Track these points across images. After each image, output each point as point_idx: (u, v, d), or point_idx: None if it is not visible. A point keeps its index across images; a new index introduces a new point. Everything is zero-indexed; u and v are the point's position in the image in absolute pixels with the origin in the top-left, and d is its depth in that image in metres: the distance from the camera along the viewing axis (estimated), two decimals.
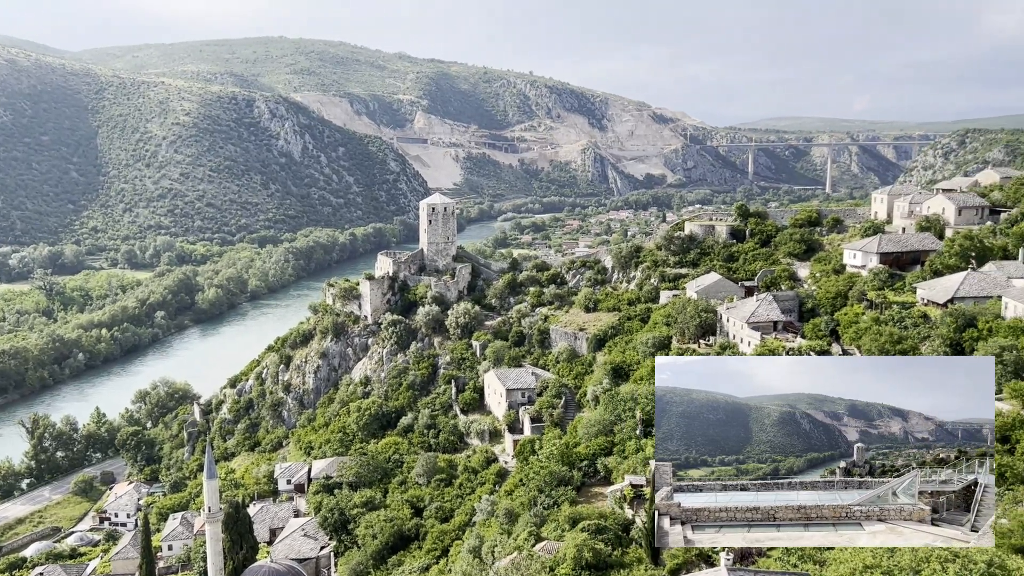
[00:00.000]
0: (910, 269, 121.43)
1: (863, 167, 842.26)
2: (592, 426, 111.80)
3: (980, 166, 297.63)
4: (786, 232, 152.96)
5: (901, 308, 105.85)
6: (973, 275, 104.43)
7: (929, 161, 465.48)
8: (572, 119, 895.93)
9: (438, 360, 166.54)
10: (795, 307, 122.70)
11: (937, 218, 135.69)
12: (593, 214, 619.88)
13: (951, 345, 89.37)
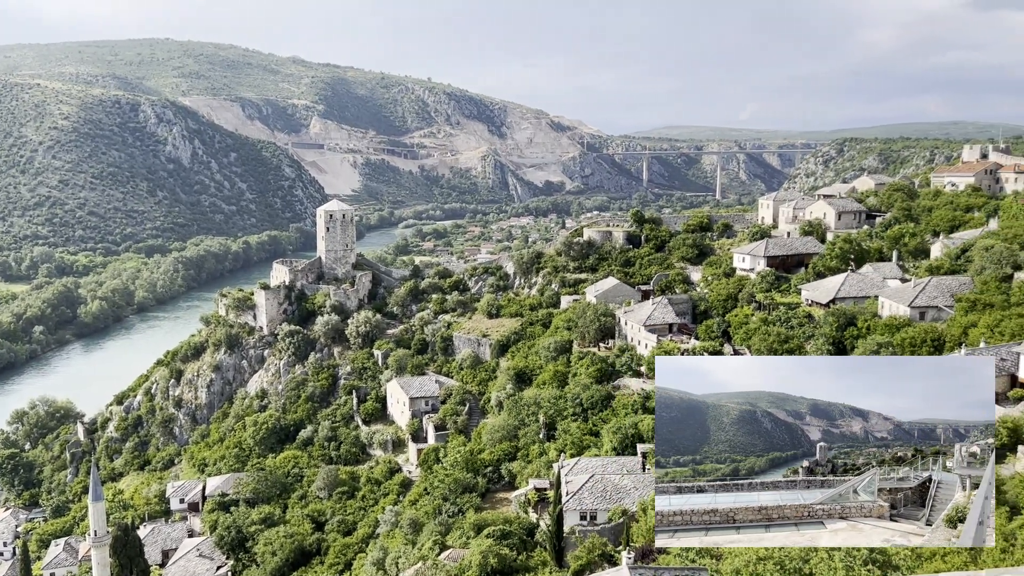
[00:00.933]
0: (795, 271, 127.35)
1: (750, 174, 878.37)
2: (496, 432, 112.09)
3: (857, 173, 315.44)
4: (679, 237, 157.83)
5: (787, 309, 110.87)
6: (852, 276, 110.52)
7: (811, 168, 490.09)
8: (471, 126, 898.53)
9: (338, 370, 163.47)
10: (689, 309, 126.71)
11: (819, 222, 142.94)
12: (494, 220, 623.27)
13: (834, 343, 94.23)
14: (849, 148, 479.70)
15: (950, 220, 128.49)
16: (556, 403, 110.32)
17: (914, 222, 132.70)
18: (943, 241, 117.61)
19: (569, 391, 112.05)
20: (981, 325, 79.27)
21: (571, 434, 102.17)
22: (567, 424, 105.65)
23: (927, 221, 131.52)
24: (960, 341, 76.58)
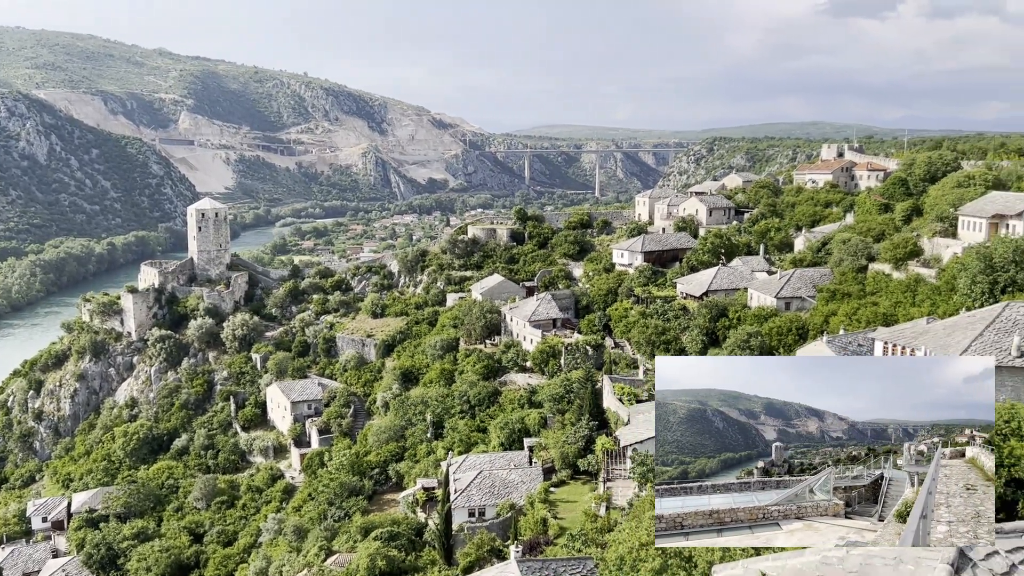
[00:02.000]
0: (670, 266, 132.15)
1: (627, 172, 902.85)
2: (382, 433, 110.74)
3: (726, 171, 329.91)
4: (561, 234, 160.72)
5: (664, 302, 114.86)
6: (723, 270, 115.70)
7: (683, 167, 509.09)
8: (351, 122, 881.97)
9: (214, 376, 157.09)
10: (572, 304, 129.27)
11: (692, 219, 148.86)
12: (377, 218, 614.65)
13: (707, 334, 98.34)
14: (718, 147, 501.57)
15: (811, 215, 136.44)
16: (443, 401, 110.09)
17: (779, 217, 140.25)
18: (805, 235, 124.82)
19: (456, 389, 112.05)
20: (840, 313, 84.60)
21: (459, 432, 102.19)
22: (455, 422, 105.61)
23: (791, 216, 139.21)
24: (822, 329, 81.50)
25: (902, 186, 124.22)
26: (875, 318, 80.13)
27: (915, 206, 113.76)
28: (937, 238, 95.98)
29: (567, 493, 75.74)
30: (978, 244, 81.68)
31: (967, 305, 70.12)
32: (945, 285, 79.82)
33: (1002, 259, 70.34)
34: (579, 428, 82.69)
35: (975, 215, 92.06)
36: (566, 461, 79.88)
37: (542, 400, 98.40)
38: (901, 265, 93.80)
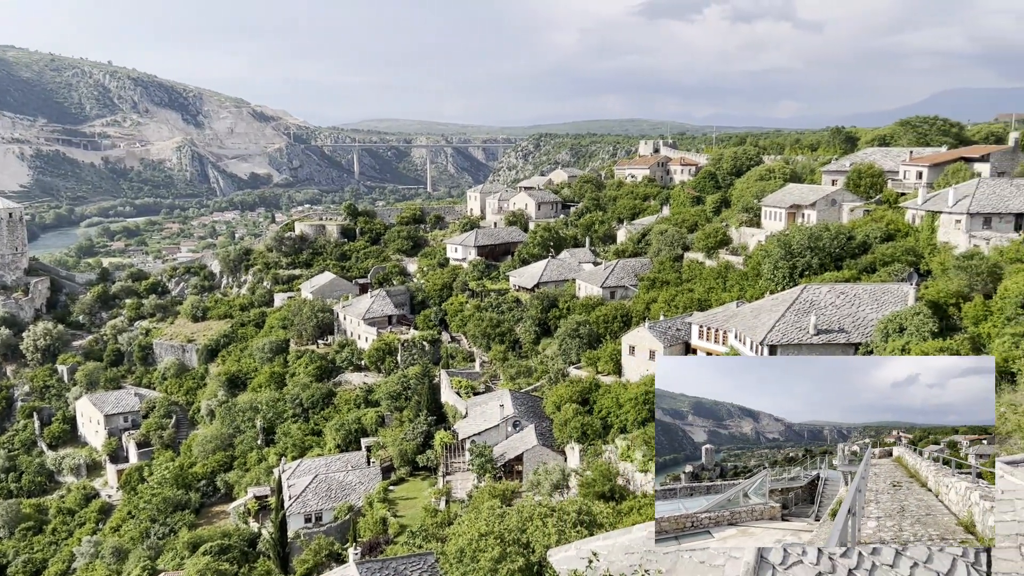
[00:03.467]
0: (503, 259, 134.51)
1: (458, 167, 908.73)
2: (209, 442, 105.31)
3: (552, 166, 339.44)
4: (394, 230, 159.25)
5: (498, 295, 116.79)
6: (553, 262, 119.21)
7: (512, 162, 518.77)
8: (163, 114, 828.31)
9: (14, 391, 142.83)
10: (407, 300, 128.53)
11: (522, 213, 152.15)
12: (195, 216, 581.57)
13: (539, 324, 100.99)
14: (544, 143, 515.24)
15: (631, 208, 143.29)
16: (274, 406, 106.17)
17: (602, 211, 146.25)
18: (627, 227, 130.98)
19: (288, 392, 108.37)
20: (660, 300, 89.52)
21: (292, 436, 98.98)
22: (287, 426, 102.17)
23: (613, 210, 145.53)
24: (644, 315, 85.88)
25: (712, 180, 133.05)
26: (691, 303, 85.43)
27: (724, 198, 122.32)
28: (743, 228, 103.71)
29: (407, 490, 75.36)
30: (779, 232, 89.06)
31: (771, 289, 76.34)
32: (752, 271, 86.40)
33: (799, 245, 77.07)
34: (417, 424, 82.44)
35: (775, 206, 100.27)
36: (405, 458, 79.41)
37: (379, 399, 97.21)
38: (713, 253, 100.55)
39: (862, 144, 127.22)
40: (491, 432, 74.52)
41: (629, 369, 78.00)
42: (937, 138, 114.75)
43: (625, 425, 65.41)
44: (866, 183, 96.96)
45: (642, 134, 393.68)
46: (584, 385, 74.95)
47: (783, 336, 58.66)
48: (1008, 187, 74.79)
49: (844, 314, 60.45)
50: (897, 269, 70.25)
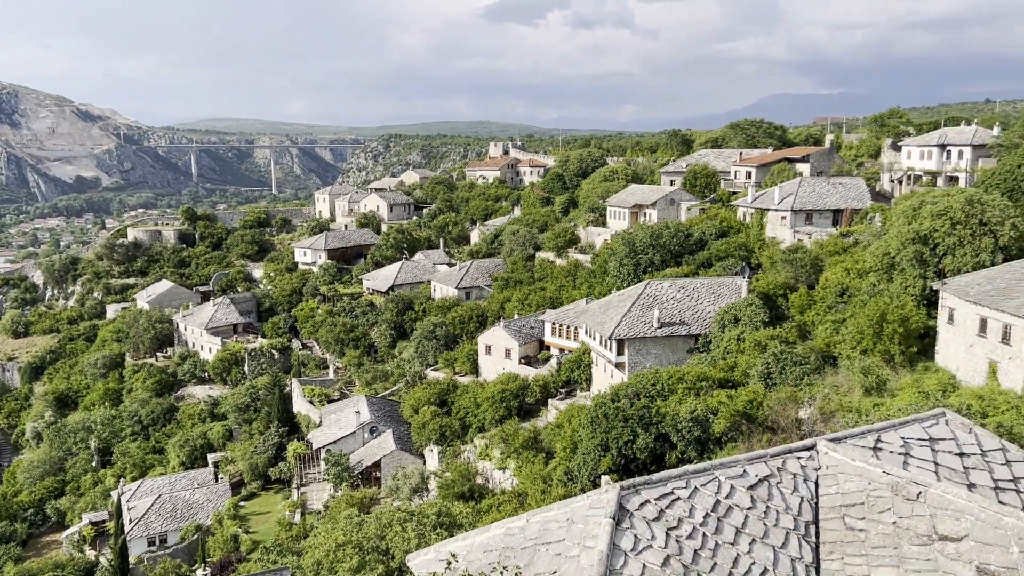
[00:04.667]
0: (355, 262, 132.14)
1: (305, 168, 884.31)
2: (36, 468, 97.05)
3: (403, 167, 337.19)
4: (237, 234, 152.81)
5: (351, 299, 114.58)
6: (407, 264, 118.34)
7: (362, 163, 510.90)
8: None
9: None
10: (253, 308, 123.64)
11: (373, 215, 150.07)
12: (13, 223, 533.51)
13: (395, 327, 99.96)
14: (395, 144, 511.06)
15: (484, 209, 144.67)
16: (110, 424, 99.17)
17: (455, 212, 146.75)
18: (479, 228, 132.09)
19: (125, 409, 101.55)
20: (514, 299, 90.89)
21: (131, 456, 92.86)
22: (125, 446, 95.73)
23: (466, 210, 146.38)
24: (499, 315, 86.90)
25: (559, 181, 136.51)
26: (544, 301, 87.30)
27: (571, 198, 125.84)
28: (591, 227, 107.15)
29: (260, 505, 72.51)
30: (623, 231, 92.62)
31: (617, 285, 79.26)
32: (599, 268, 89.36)
33: (642, 243, 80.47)
34: (268, 436, 79.54)
35: (620, 205, 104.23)
36: (256, 472, 76.40)
37: (226, 411, 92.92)
38: (563, 252, 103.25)
39: (697, 146, 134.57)
40: (347, 440, 73.03)
41: (486, 368, 78.68)
42: (763, 140, 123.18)
43: (483, 424, 65.91)
44: (701, 183, 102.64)
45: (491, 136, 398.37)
46: (442, 387, 74.88)
47: (630, 330, 61.05)
48: (826, 185, 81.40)
49: (685, 307, 63.67)
50: (731, 263, 74.78)
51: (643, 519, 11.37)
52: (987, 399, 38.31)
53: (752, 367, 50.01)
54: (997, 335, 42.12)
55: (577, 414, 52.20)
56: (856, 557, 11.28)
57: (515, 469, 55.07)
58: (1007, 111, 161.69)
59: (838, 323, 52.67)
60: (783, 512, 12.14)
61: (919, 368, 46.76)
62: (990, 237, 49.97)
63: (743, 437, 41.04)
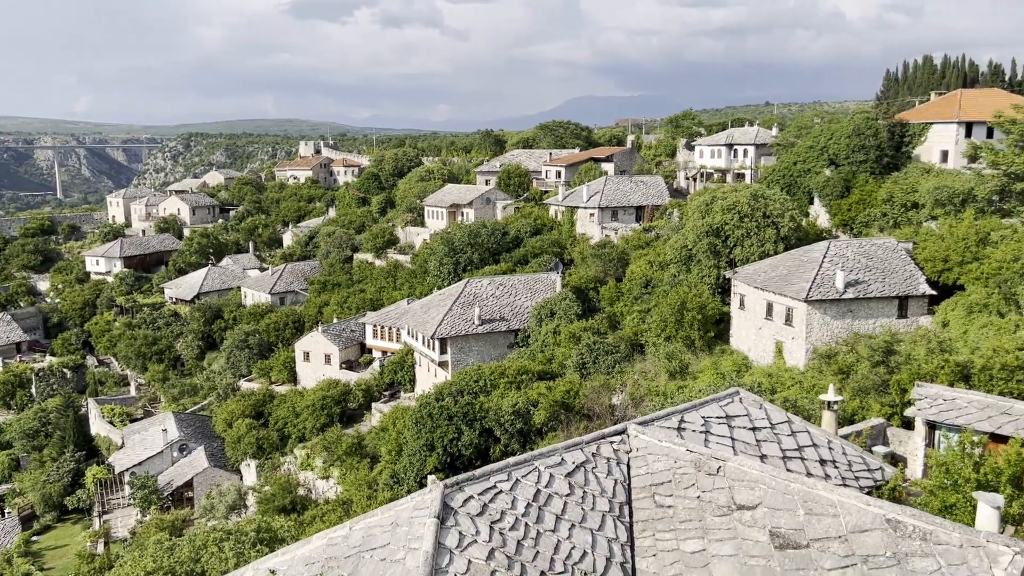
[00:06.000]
0: (155, 270, 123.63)
1: (94, 170, 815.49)
2: None
3: (206, 168, 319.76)
4: (17, 243, 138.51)
5: (152, 309, 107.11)
6: (214, 270, 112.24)
7: (160, 164, 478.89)
8: None
9: None
10: (40, 324, 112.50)
11: (174, 218, 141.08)
12: None
13: (203, 338, 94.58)
14: (196, 143, 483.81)
15: (296, 210, 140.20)
16: None
17: (265, 214, 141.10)
18: (292, 230, 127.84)
19: None
20: (332, 303, 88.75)
21: None
22: None
23: (277, 212, 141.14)
24: (317, 319, 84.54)
25: (375, 180, 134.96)
26: (364, 304, 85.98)
27: (388, 198, 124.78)
28: (409, 227, 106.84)
29: (56, 538, 66.19)
30: (442, 231, 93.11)
31: (438, 284, 79.60)
32: (419, 268, 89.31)
33: (461, 242, 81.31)
34: (63, 463, 72.75)
35: (437, 205, 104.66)
36: (50, 503, 69.66)
37: (11, 439, 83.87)
38: (381, 253, 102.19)
39: (509, 146, 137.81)
40: (154, 460, 68.28)
41: (305, 375, 76.37)
42: (571, 140, 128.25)
43: (304, 433, 63.95)
44: (515, 182, 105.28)
45: (301, 135, 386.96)
46: (257, 397, 71.81)
47: (452, 329, 61.50)
48: (629, 184, 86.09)
49: (504, 304, 65.05)
50: (546, 260, 77.30)
51: (467, 515, 11.47)
52: (775, 376, 42.13)
53: (568, 358, 51.95)
54: (781, 318, 46.42)
55: (402, 416, 51.89)
56: (666, 532, 11.99)
57: (339, 477, 53.89)
58: (783, 113, 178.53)
59: (644, 313, 55.89)
60: (599, 496, 12.68)
61: (716, 351, 50.61)
62: (773, 228, 54.94)
63: (562, 426, 42.54)
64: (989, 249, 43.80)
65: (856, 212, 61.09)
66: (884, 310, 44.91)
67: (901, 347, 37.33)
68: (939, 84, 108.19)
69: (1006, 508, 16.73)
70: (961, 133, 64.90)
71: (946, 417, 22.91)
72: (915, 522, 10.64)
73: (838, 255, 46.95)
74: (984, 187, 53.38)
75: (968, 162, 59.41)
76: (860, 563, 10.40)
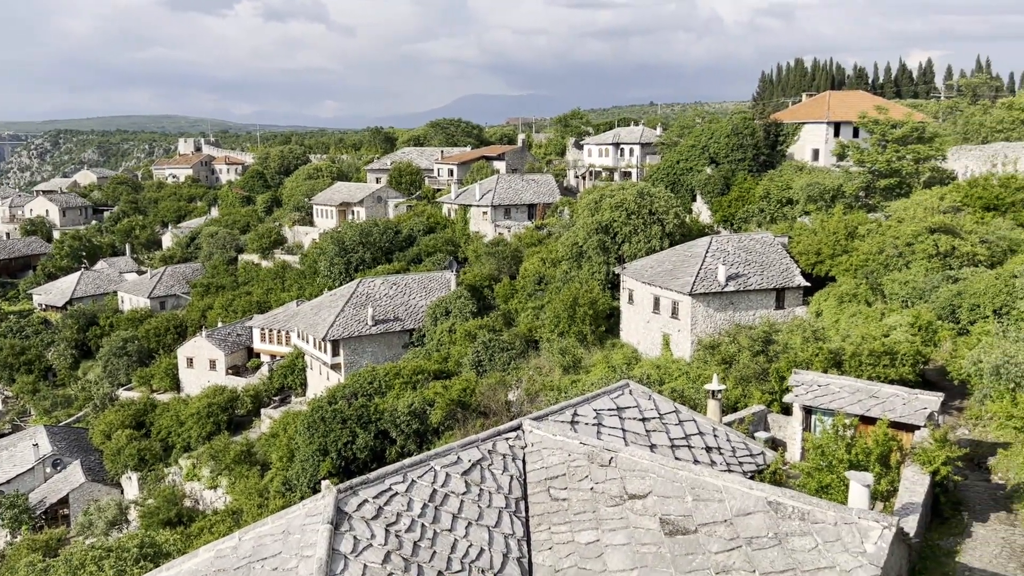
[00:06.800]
0: (22, 275, 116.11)
1: None
2: None
3: (77, 166, 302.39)
4: None
5: (19, 317, 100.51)
6: (88, 274, 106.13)
7: (25, 162, 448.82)
8: None
9: None
10: None
11: (43, 220, 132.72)
12: None
13: (77, 346, 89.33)
14: (65, 140, 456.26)
15: (176, 210, 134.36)
16: None
17: (143, 214, 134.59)
18: (172, 231, 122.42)
19: None
20: (217, 306, 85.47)
21: None
22: None
23: (155, 213, 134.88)
24: (200, 324, 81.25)
25: (260, 179, 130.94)
26: (250, 307, 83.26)
27: (274, 197, 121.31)
28: (297, 226, 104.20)
29: None
30: (331, 230, 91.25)
31: (328, 285, 77.98)
32: (309, 269, 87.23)
33: (352, 241, 79.95)
34: None
35: (326, 204, 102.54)
36: None
37: None
38: (268, 254, 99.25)
39: (400, 144, 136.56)
40: (24, 477, 63.98)
41: (189, 382, 73.31)
42: (463, 139, 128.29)
43: (190, 443, 61.41)
44: (407, 180, 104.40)
45: (181, 132, 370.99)
46: (138, 407, 68.39)
47: (344, 330, 60.40)
48: (521, 182, 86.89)
49: (398, 303, 64.42)
50: (440, 258, 77.02)
51: (362, 519, 11.29)
52: (663, 368, 43.50)
53: (464, 356, 51.98)
54: (668, 311, 47.95)
55: (293, 421, 50.59)
56: (561, 525, 12.17)
57: (228, 486, 52.06)
58: (667, 113, 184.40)
59: (538, 309, 56.58)
60: (495, 492, 12.73)
61: (608, 345, 51.78)
62: (658, 225, 56.67)
63: (459, 425, 42.53)
64: (857, 242, 46.60)
65: (736, 208, 63.78)
66: (763, 302, 47.09)
67: (779, 337, 39.24)
68: (810, 86, 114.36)
69: (875, 485, 17.87)
70: (830, 133, 68.83)
71: (821, 402, 24.23)
72: (794, 503, 11.19)
73: (720, 250, 48.88)
74: (851, 184, 56.78)
75: (837, 160, 63.05)
76: (744, 545, 10.86)
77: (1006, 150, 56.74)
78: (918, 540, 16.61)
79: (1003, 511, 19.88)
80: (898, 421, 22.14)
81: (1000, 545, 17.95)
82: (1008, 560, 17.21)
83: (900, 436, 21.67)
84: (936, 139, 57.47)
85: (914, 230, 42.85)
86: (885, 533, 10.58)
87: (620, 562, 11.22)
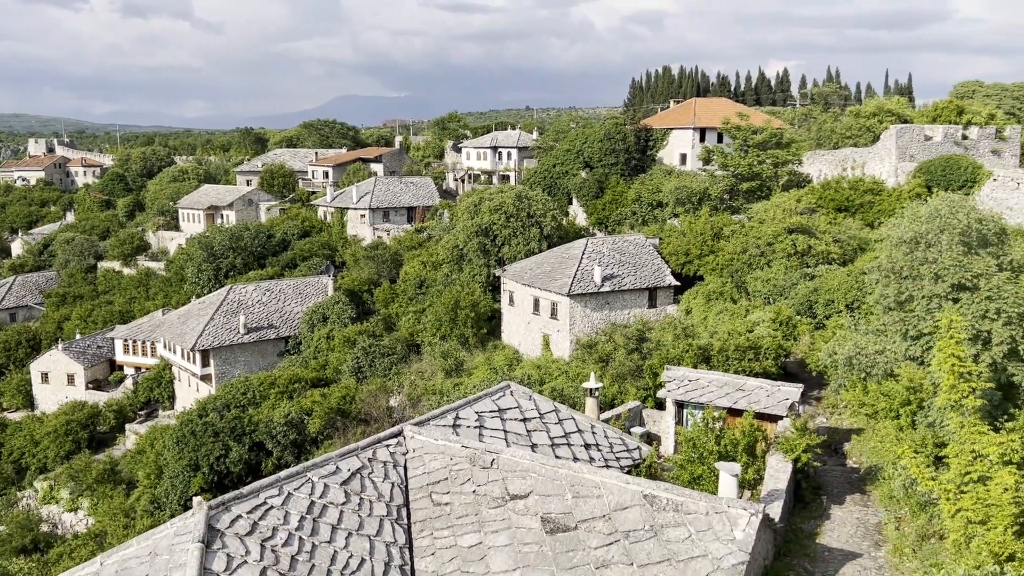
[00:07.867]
0: None
1: None
2: None
3: None
4: None
5: None
6: None
7: None
8: None
9: None
10: None
11: None
12: None
13: None
14: None
15: (27, 216, 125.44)
16: None
17: None
18: (23, 238, 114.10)
19: None
20: (75, 317, 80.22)
21: None
22: None
23: (3, 218, 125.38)
24: (57, 336, 76.03)
25: (121, 182, 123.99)
26: (112, 316, 78.61)
27: (136, 201, 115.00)
28: (162, 231, 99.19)
29: None
30: (199, 234, 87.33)
31: (197, 292, 74.59)
32: (175, 276, 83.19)
33: (221, 246, 76.83)
34: None
35: (193, 207, 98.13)
36: None
37: None
38: (131, 261, 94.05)
39: (272, 145, 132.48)
40: None
41: (44, 399, 68.41)
42: (338, 140, 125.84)
43: (46, 463, 57.28)
44: (279, 183, 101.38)
45: (31, 131, 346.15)
46: None
47: (214, 339, 57.99)
48: (399, 184, 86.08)
49: (272, 310, 62.43)
50: (316, 263, 75.19)
51: (236, 536, 10.85)
52: (543, 368, 44.14)
53: (343, 363, 50.95)
54: (547, 312, 48.72)
55: (161, 436, 48.10)
56: (444, 530, 12.11)
57: (90, 508, 48.91)
58: (543, 117, 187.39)
59: (419, 313, 56.19)
60: (376, 501, 12.54)
61: (490, 347, 52.07)
62: (537, 228, 57.48)
63: (339, 433, 41.64)
64: (722, 243, 48.88)
65: (610, 211, 65.58)
66: (637, 301, 48.62)
67: (652, 334, 40.60)
68: (677, 92, 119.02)
69: (743, 475, 18.76)
70: (697, 138, 71.92)
71: (691, 396, 25.21)
72: (668, 495, 11.58)
73: (595, 251, 50.11)
74: (716, 187, 59.52)
75: (703, 164, 65.94)
76: (623, 539, 11.15)
77: (854, 155, 60.99)
78: (783, 524, 17.56)
79: (857, 493, 21.31)
80: (763, 412, 23.31)
81: (855, 525, 19.24)
82: (862, 539, 18.47)
83: (765, 426, 22.85)
84: (793, 144, 61.10)
85: (774, 231, 45.36)
86: (752, 520, 11.11)
87: (503, 563, 11.28)
